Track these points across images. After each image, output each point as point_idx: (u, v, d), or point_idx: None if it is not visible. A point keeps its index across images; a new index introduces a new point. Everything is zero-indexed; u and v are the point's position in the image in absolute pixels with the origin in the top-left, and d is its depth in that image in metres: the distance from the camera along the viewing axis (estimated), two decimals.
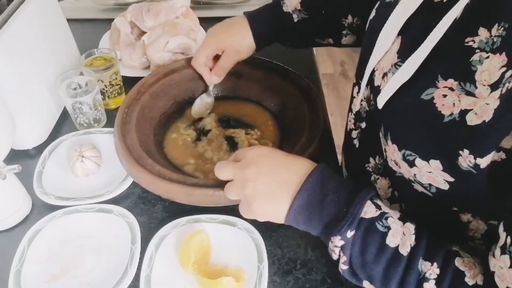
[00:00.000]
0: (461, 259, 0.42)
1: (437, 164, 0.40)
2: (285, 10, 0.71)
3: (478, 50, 0.36)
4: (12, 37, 0.69)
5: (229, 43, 0.72)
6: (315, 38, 0.74)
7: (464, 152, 0.37)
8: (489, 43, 0.36)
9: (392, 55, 0.46)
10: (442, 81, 0.39)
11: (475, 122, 0.36)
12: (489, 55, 0.36)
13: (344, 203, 0.45)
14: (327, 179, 0.47)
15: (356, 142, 0.58)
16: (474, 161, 0.37)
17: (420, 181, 0.43)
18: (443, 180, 0.40)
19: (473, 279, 0.40)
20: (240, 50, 0.73)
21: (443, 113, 0.38)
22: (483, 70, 0.36)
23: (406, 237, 0.43)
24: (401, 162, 0.44)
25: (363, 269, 0.44)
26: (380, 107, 0.45)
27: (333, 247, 0.45)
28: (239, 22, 0.72)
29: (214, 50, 0.73)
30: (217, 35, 0.73)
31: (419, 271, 0.41)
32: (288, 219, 0.47)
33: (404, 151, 0.42)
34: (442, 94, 0.38)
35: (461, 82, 0.37)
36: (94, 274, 0.59)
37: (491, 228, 0.44)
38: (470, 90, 0.36)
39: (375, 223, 0.44)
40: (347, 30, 0.71)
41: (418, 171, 0.42)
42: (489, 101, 0.35)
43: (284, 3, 0.71)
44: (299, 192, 0.46)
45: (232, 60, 0.74)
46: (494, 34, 0.35)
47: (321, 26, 0.72)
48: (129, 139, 0.65)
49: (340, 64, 2.54)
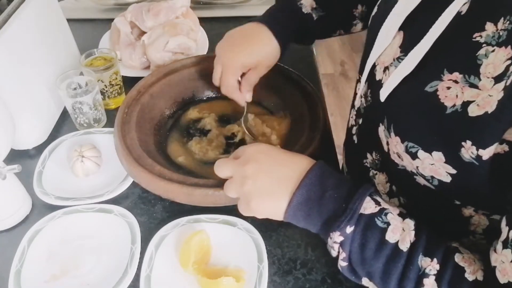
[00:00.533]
0: (461, 255, 0.42)
1: (440, 156, 0.40)
2: (305, 12, 0.70)
3: (485, 44, 0.37)
4: (12, 37, 0.69)
5: (259, 59, 0.66)
6: (330, 32, 0.76)
7: (466, 144, 0.37)
8: (495, 37, 0.36)
9: (394, 49, 0.46)
10: (448, 74, 0.39)
11: (476, 113, 0.36)
12: (494, 49, 0.36)
13: (343, 199, 0.45)
14: (326, 176, 0.47)
15: (355, 138, 0.58)
16: (477, 153, 0.37)
17: (422, 174, 0.43)
18: (445, 172, 0.41)
19: (473, 274, 0.40)
20: (270, 63, 0.68)
21: (445, 104, 0.39)
22: (488, 63, 0.36)
23: (406, 233, 0.43)
24: (403, 154, 0.44)
25: (363, 265, 0.44)
26: (383, 99, 0.46)
27: (332, 243, 0.45)
28: (258, 33, 0.67)
29: (242, 69, 0.67)
30: (239, 52, 0.66)
31: (419, 267, 0.41)
32: (287, 216, 0.47)
33: (407, 143, 0.43)
34: (446, 87, 0.39)
35: (466, 75, 0.38)
36: (94, 274, 0.59)
37: (493, 223, 0.44)
38: (474, 82, 0.37)
39: (375, 219, 0.44)
40: (357, 20, 0.72)
41: (420, 163, 0.42)
42: (492, 92, 0.36)
43: (302, 4, 0.70)
44: (298, 189, 0.46)
45: (260, 75, 0.68)
46: (500, 27, 0.36)
47: (335, 19, 0.73)
48: (129, 139, 0.65)
49: (340, 64, 2.54)
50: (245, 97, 0.70)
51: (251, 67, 0.67)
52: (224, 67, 0.67)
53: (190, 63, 0.80)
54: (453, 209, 0.46)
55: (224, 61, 0.67)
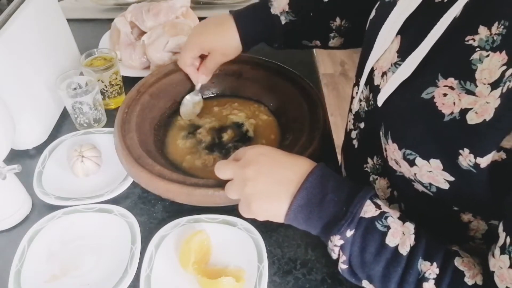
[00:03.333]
0: (461, 259, 0.42)
1: (437, 164, 0.40)
2: (272, 12, 0.70)
3: (478, 48, 0.36)
4: (12, 37, 0.69)
5: (216, 45, 0.71)
6: (302, 40, 0.73)
7: (464, 152, 0.37)
8: (489, 42, 0.36)
9: (391, 54, 0.46)
10: (442, 80, 0.38)
11: (475, 121, 0.36)
12: (489, 54, 0.35)
13: (344, 202, 0.45)
14: (327, 179, 0.47)
15: (355, 143, 0.58)
16: (474, 161, 0.37)
17: (420, 181, 0.43)
18: (443, 180, 0.40)
19: (472, 279, 0.40)
20: (226, 52, 0.72)
21: (443, 112, 0.38)
22: (483, 69, 0.36)
23: (406, 236, 0.43)
24: (401, 161, 0.44)
25: (363, 269, 0.44)
26: (380, 105, 0.45)
27: (333, 246, 0.45)
28: (225, 23, 0.70)
29: (199, 51, 0.72)
30: (202, 35, 0.72)
31: (419, 271, 0.41)
32: (288, 219, 0.47)
33: (405, 150, 0.42)
34: (443, 93, 0.38)
35: (461, 81, 0.37)
36: (94, 274, 0.59)
37: (492, 227, 0.44)
38: (471, 89, 0.36)
39: (375, 222, 0.44)
40: (334, 33, 0.70)
41: (418, 170, 0.42)
42: (489, 99, 0.35)
43: (272, 4, 0.70)
44: (299, 192, 0.46)
45: (218, 62, 0.74)
46: (494, 32, 0.35)
47: (308, 28, 0.71)
48: (129, 139, 0.65)
49: (340, 64, 2.54)
50: (198, 78, 0.76)
51: (208, 51, 0.72)
52: (185, 44, 0.74)
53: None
54: (452, 215, 0.46)
55: (187, 40, 0.74)
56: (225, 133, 0.74)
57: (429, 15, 0.42)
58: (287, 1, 0.69)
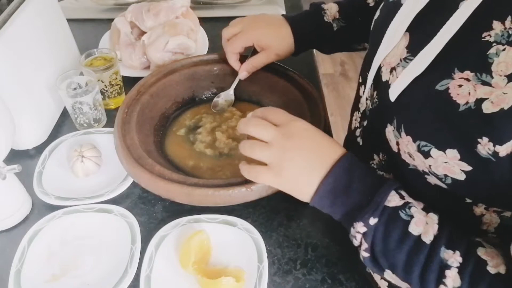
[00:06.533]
0: (484, 249, 0.42)
1: (454, 154, 0.40)
2: (326, 20, 0.73)
3: (495, 43, 0.37)
4: (12, 37, 0.69)
5: (273, 43, 0.72)
6: (352, 44, 0.77)
7: (483, 140, 0.37)
8: (505, 36, 0.37)
9: (400, 50, 0.47)
10: (459, 73, 0.39)
11: (491, 110, 0.37)
12: (505, 47, 0.37)
13: (369, 192, 0.46)
14: (354, 167, 0.48)
15: (360, 140, 0.59)
16: (494, 149, 0.37)
17: (435, 173, 0.43)
18: (459, 170, 0.41)
19: (495, 268, 0.40)
20: (280, 53, 0.73)
21: (458, 102, 0.39)
22: (500, 62, 0.37)
23: (429, 226, 0.44)
24: (415, 153, 0.44)
25: (385, 257, 0.45)
26: (393, 100, 0.46)
27: (355, 232, 0.46)
28: (281, 25, 0.72)
29: (252, 43, 0.72)
30: (259, 29, 0.72)
31: (441, 259, 0.42)
32: (313, 201, 0.48)
33: (419, 142, 0.43)
34: (458, 84, 0.39)
35: (477, 73, 0.38)
36: (94, 274, 0.59)
37: (504, 220, 0.45)
38: (486, 80, 0.37)
39: (399, 211, 0.45)
40: None
41: (433, 162, 0.42)
42: (506, 90, 0.36)
43: (325, 12, 0.74)
44: (327, 177, 0.47)
45: (268, 60, 0.74)
46: (508, 26, 0.37)
47: (358, 32, 0.74)
48: (129, 139, 0.65)
49: (340, 64, 2.54)
50: (241, 70, 0.75)
51: (263, 46, 0.72)
52: (242, 31, 0.72)
53: (190, 63, 0.80)
54: (464, 208, 0.46)
55: (245, 27, 0.72)
56: (225, 133, 0.74)
57: (439, 11, 0.43)
58: (337, 9, 0.74)
